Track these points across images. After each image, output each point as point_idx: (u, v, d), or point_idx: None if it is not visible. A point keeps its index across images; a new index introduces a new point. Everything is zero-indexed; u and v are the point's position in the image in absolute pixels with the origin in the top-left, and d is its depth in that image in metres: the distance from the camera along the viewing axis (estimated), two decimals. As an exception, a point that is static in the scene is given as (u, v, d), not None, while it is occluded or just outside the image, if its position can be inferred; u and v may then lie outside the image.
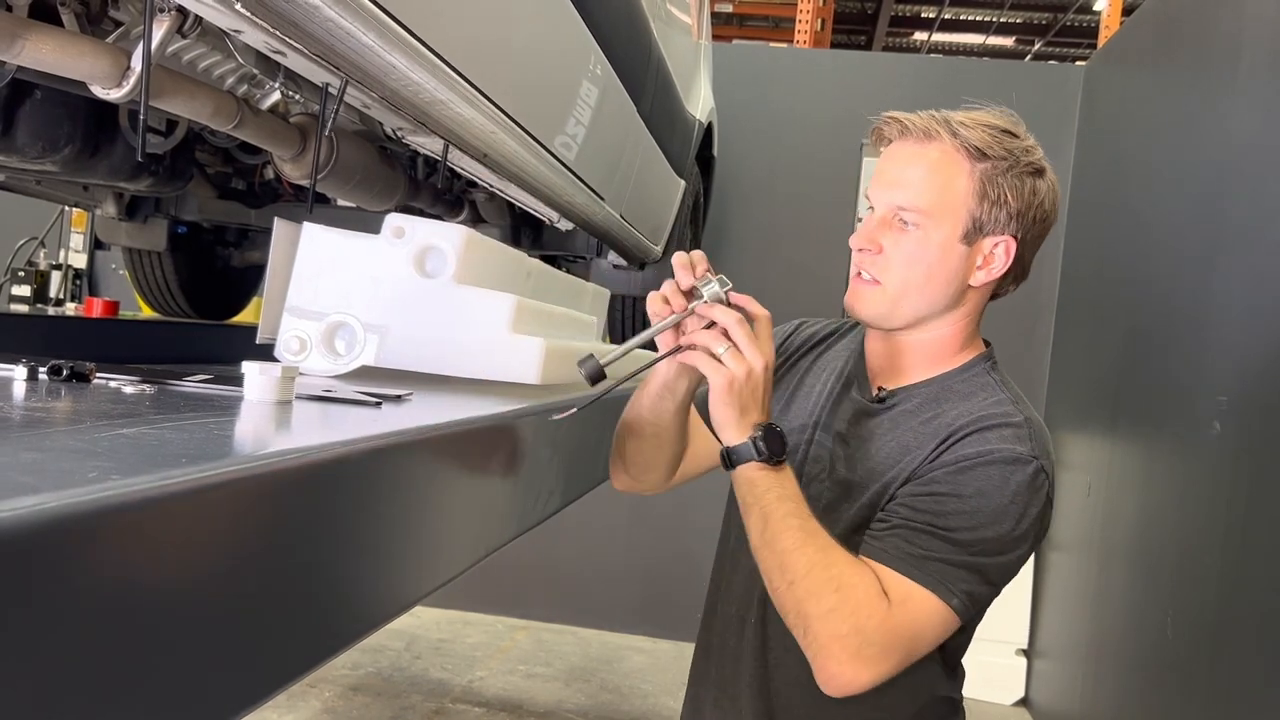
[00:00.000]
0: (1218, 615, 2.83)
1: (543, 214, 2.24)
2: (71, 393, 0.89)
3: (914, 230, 1.24)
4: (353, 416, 0.90)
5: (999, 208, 1.23)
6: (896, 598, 1.14)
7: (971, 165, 1.23)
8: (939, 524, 1.17)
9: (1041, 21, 12.33)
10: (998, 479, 1.18)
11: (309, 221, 1.34)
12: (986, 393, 1.28)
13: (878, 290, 1.27)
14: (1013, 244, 1.25)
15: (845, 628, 1.11)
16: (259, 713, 2.77)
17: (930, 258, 1.24)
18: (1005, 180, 1.23)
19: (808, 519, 1.15)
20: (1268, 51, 2.96)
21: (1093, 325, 4.49)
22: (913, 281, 1.25)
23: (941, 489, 1.19)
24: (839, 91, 5.06)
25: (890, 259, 1.26)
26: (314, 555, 0.66)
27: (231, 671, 0.58)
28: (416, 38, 1.15)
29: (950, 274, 1.25)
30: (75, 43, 1.25)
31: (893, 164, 1.28)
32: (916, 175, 1.24)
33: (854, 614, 1.11)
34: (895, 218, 1.25)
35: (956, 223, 1.24)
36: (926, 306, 1.28)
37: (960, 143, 1.23)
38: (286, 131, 1.70)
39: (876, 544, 1.18)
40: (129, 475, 0.48)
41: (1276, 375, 2.62)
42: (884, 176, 1.28)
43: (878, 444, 1.30)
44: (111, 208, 2.61)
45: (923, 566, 1.15)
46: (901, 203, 1.24)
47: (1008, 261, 1.26)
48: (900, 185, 1.25)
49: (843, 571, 1.13)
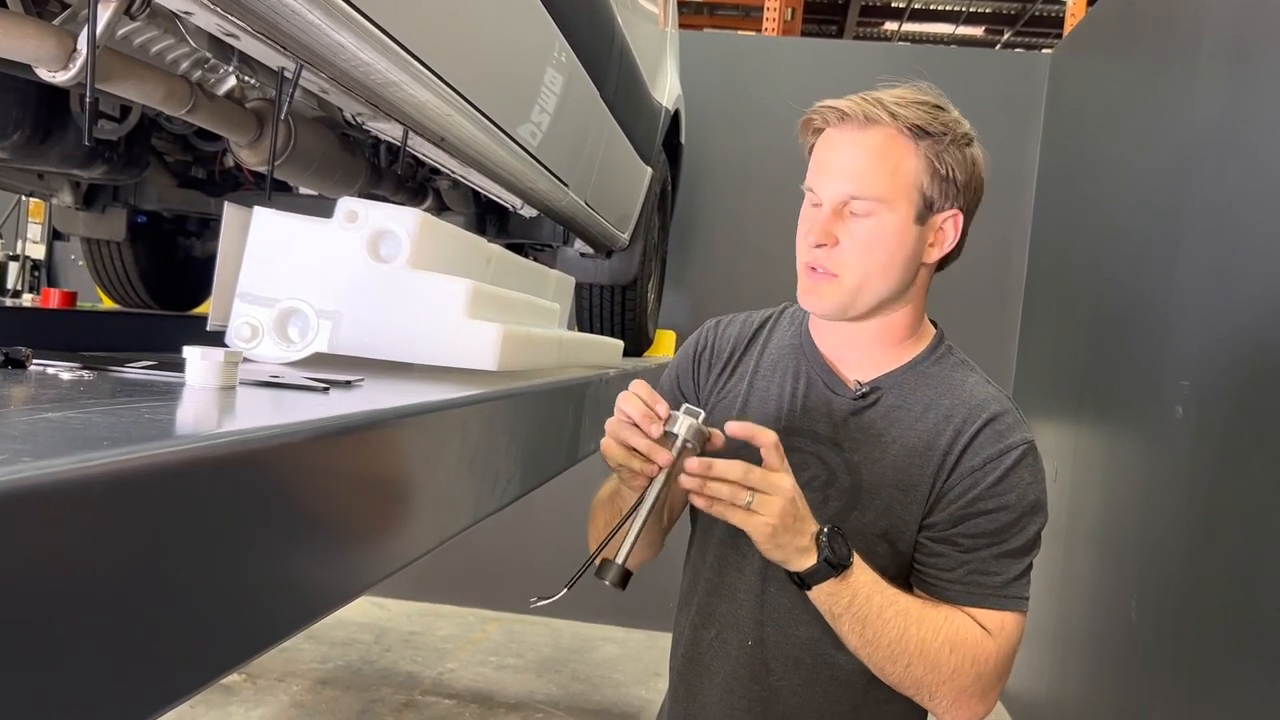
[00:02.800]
0: (1181, 598, 2.86)
1: (506, 200, 2.22)
2: (4, 378, 0.86)
3: (868, 219, 1.22)
4: (297, 402, 0.89)
5: (948, 183, 1.23)
6: (995, 628, 1.22)
7: (916, 144, 1.22)
8: (1001, 545, 1.23)
9: (1010, 11, 12.39)
10: (1028, 476, 1.25)
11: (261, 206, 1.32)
12: (961, 374, 1.32)
13: (835, 283, 1.24)
14: (960, 216, 1.27)
15: (968, 680, 1.20)
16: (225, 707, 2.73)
17: (888, 244, 1.23)
18: (949, 154, 1.23)
19: (894, 599, 1.19)
20: (1228, 40, 2.99)
21: (1059, 312, 4.52)
22: (873, 270, 1.24)
23: (989, 505, 1.23)
24: (808, 79, 5.06)
25: (845, 250, 1.23)
26: (245, 542, 0.65)
27: (158, 662, 0.56)
28: (365, 15, 1.13)
29: (908, 256, 1.25)
30: (19, 24, 1.22)
31: (836, 153, 1.25)
32: (865, 163, 1.22)
33: (973, 665, 1.20)
34: (846, 208, 1.23)
35: (910, 205, 1.23)
36: (886, 292, 1.26)
37: (901, 124, 1.21)
38: (242, 117, 1.67)
39: (958, 588, 1.24)
40: (42, 458, 0.46)
41: (1237, 360, 2.65)
42: (829, 167, 1.24)
43: (880, 447, 1.27)
44: (68, 197, 2.56)
45: (1004, 593, 1.23)
46: (854, 192, 1.22)
47: (956, 235, 1.27)
48: (849, 175, 1.22)
49: (948, 633, 1.20)
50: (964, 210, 1.27)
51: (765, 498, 1.09)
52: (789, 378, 1.35)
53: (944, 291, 1.50)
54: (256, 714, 3.94)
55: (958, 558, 1.23)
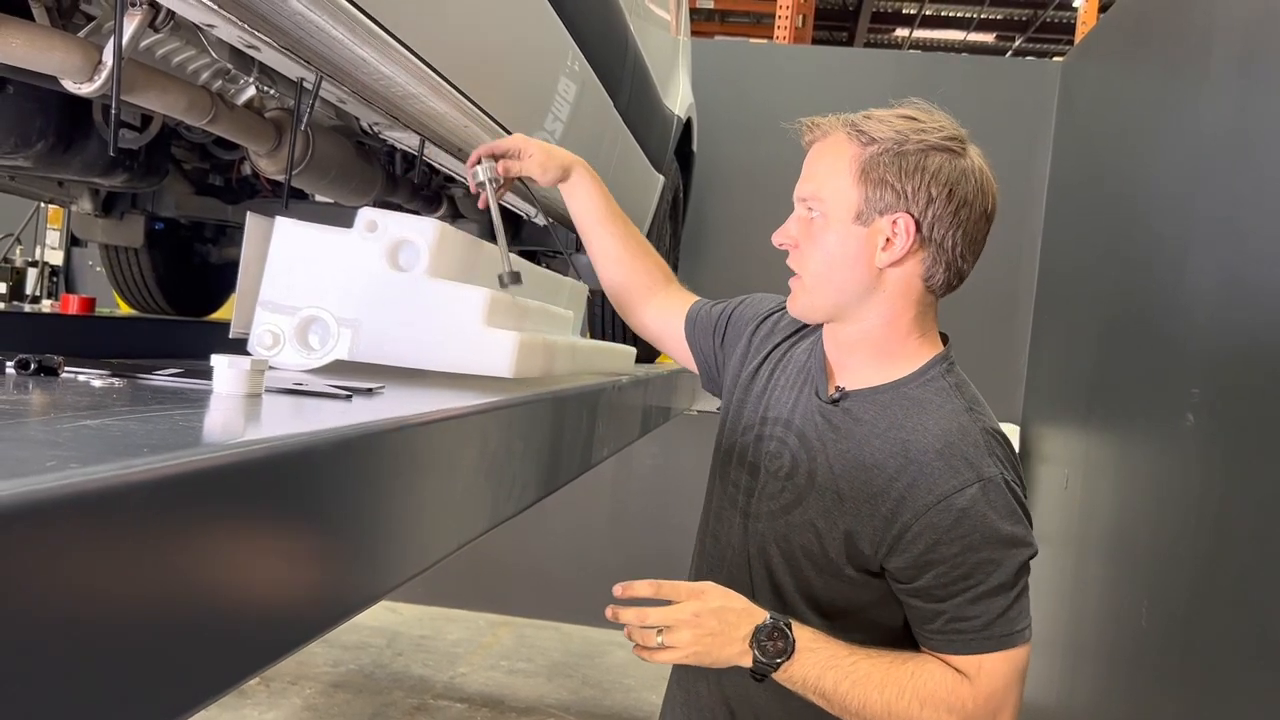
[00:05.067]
0: (1192, 605, 2.86)
1: (520, 208, 2.24)
2: (38, 386, 0.89)
3: (819, 219, 1.29)
4: (322, 409, 0.90)
5: (883, 186, 1.25)
6: (972, 671, 1.21)
7: (860, 149, 1.26)
8: (975, 588, 1.21)
9: (1021, 18, 12.39)
10: (991, 512, 1.20)
11: (283, 216, 1.34)
12: (941, 400, 1.28)
13: (798, 283, 1.34)
14: (909, 220, 1.24)
15: None
16: (239, 710, 2.75)
17: (830, 242, 1.28)
18: (886, 159, 1.25)
19: (850, 670, 1.21)
20: (1238, 47, 2.99)
21: (1069, 319, 4.52)
22: (821, 268, 1.30)
23: (952, 550, 1.21)
24: (819, 87, 5.07)
25: (804, 250, 1.32)
26: (278, 546, 0.67)
27: (192, 661, 0.58)
28: (387, 31, 1.15)
29: (852, 256, 1.27)
30: (46, 37, 1.24)
31: (806, 163, 1.34)
32: (817, 167, 1.31)
33: (950, 714, 1.19)
34: (805, 211, 1.31)
35: (849, 205, 1.27)
36: (839, 293, 1.30)
37: (851, 130, 1.28)
38: (262, 126, 1.70)
39: (938, 639, 1.24)
40: (89, 464, 0.48)
41: (1248, 367, 2.65)
42: (802, 175, 1.34)
43: (835, 454, 1.30)
44: (88, 204, 2.59)
45: (986, 636, 1.21)
46: (804, 194, 1.31)
47: (909, 240, 1.24)
48: (805, 179, 1.32)
49: (915, 690, 1.20)
50: (916, 217, 1.24)
51: (672, 633, 1.18)
52: (799, 373, 1.43)
53: (955, 301, 1.51)
54: (270, 717, 3.97)
55: (933, 609, 1.23)
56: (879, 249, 1.26)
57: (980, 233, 1.29)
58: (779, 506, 1.33)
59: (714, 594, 1.21)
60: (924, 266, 1.28)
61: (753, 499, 1.37)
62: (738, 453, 1.44)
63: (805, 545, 1.29)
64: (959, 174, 1.25)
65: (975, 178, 1.27)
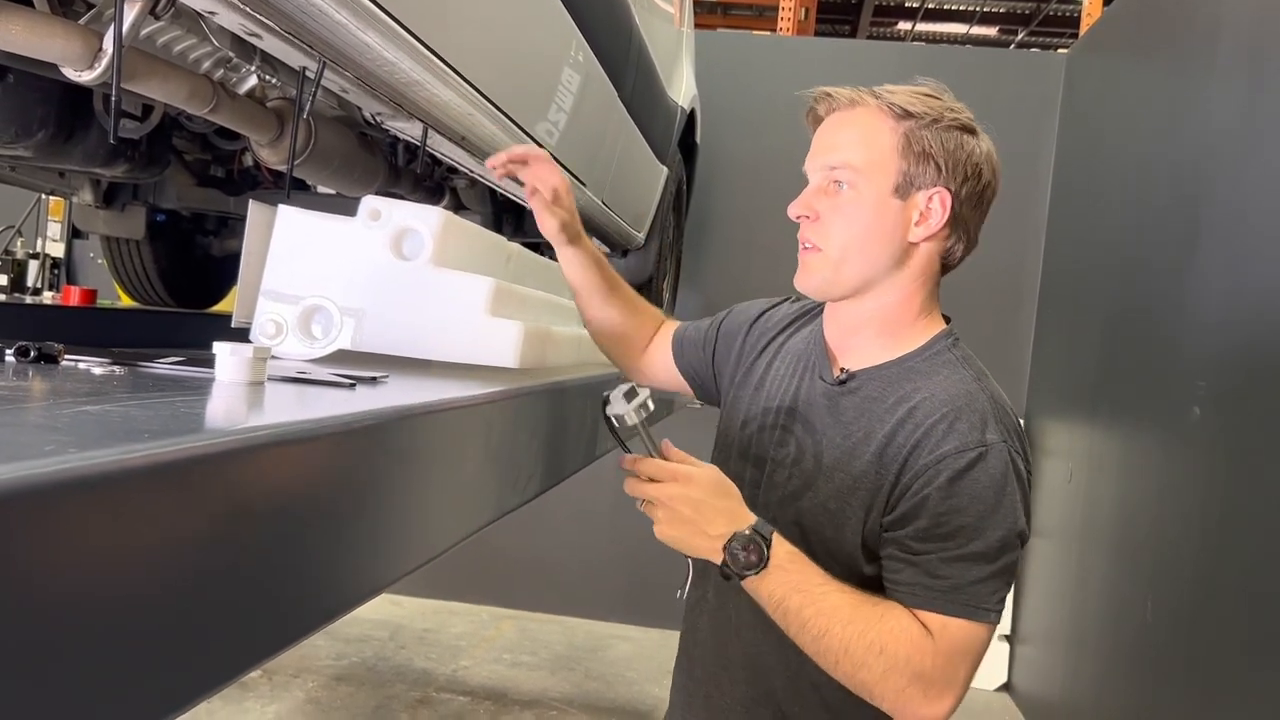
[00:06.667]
0: (1197, 599, 2.85)
1: (524, 199, 2.22)
2: (39, 373, 0.88)
3: (848, 190, 1.26)
4: (325, 398, 0.89)
5: (926, 160, 1.24)
6: (936, 628, 1.17)
7: (896, 122, 1.25)
8: (952, 550, 1.17)
9: (1024, 11, 12.34)
10: (985, 479, 1.18)
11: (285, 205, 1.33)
12: (949, 370, 1.27)
13: (819, 256, 1.28)
14: (947, 195, 1.24)
15: (904, 681, 1.15)
16: (241, 703, 2.74)
17: (866, 215, 1.25)
18: (929, 133, 1.24)
19: (819, 598, 1.16)
20: (1245, 40, 2.98)
21: (1074, 312, 4.51)
22: (852, 241, 1.26)
23: (940, 508, 1.18)
24: (822, 79, 5.03)
25: (828, 222, 1.27)
26: (280, 536, 0.66)
27: (193, 651, 0.57)
28: (390, 15, 1.14)
29: (888, 230, 1.26)
30: (46, 24, 1.23)
31: (823, 134, 1.31)
32: (845, 137, 1.27)
33: (907, 665, 1.15)
34: (829, 182, 1.27)
35: (887, 177, 1.24)
36: (869, 267, 1.27)
37: (883, 103, 1.25)
38: (263, 116, 1.69)
39: (904, 590, 1.20)
40: (88, 449, 0.47)
41: (1254, 361, 2.64)
42: (816, 147, 1.31)
43: (845, 434, 1.29)
44: (89, 195, 2.58)
45: (953, 599, 1.17)
46: (833, 163, 1.27)
47: (944, 215, 1.25)
48: (831, 149, 1.28)
49: (878, 634, 1.15)
50: (953, 192, 1.25)
51: (650, 507, 1.16)
52: (798, 363, 1.41)
53: (958, 293, 1.50)
54: (272, 709, 3.96)
55: (907, 559, 1.20)
56: (912, 223, 1.25)
57: (987, 212, 1.32)
58: (788, 493, 1.31)
59: (701, 482, 1.16)
60: (947, 245, 1.29)
61: (759, 491, 1.35)
62: (738, 448, 1.42)
63: (818, 530, 1.27)
64: (985, 155, 1.27)
65: (991, 157, 1.29)
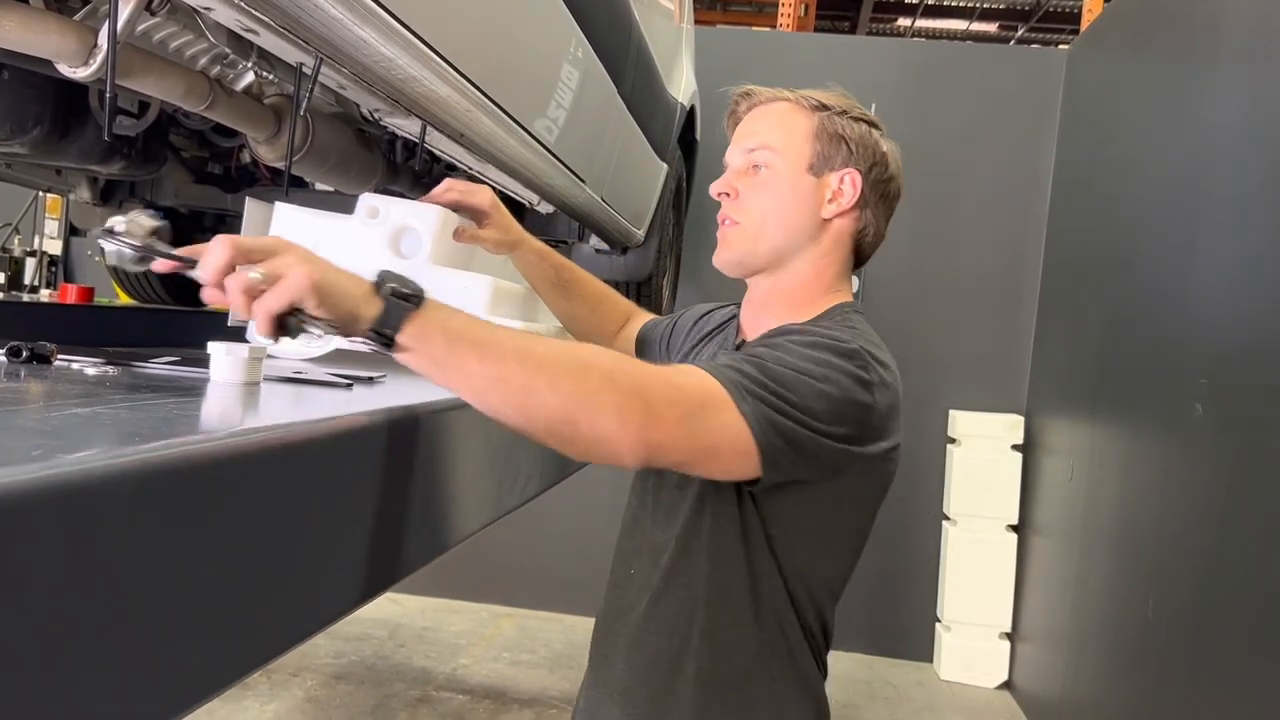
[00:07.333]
0: (1199, 597, 2.84)
1: (522, 197, 2.21)
2: (30, 374, 0.86)
3: (765, 170, 1.34)
4: (322, 398, 0.88)
5: (838, 142, 1.32)
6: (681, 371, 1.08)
7: (811, 112, 1.35)
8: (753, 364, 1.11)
9: (1024, 6, 12.33)
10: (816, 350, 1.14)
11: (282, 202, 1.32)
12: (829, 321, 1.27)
13: (737, 230, 1.35)
14: (857, 176, 1.32)
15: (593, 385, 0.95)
16: (240, 701, 2.73)
17: (782, 190, 1.33)
18: (841, 120, 1.34)
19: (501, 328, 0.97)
20: (1247, 36, 2.96)
21: (1075, 308, 4.49)
22: (769, 214, 1.33)
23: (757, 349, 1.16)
24: (822, 75, 5.02)
25: (747, 199, 1.34)
26: (277, 538, 0.64)
27: (190, 656, 0.56)
28: (387, 10, 1.13)
29: (802, 204, 1.32)
30: (40, 19, 1.22)
31: (743, 125, 1.40)
32: (763, 125, 1.37)
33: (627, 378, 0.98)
34: (749, 165, 1.36)
35: (801, 157, 1.33)
36: (784, 240, 1.33)
37: (799, 97, 1.37)
38: (261, 113, 1.67)
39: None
40: (75, 453, 0.46)
41: (1257, 357, 2.63)
42: (736, 136, 1.39)
43: None
44: (86, 193, 2.57)
45: (722, 373, 1.07)
46: (752, 146, 1.35)
47: (855, 194, 1.32)
48: (750, 135, 1.37)
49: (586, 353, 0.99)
50: (863, 174, 1.32)
51: (275, 260, 0.87)
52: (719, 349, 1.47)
53: (959, 289, 1.49)
54: (271, 709, 3.95)
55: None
56: (825, 200, 1.32)
57: (893, 209, 1.38)
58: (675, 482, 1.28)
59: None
60: (859, 225, 1.35)
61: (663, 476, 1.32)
62: None
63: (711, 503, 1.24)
64: (891, 149, 1.37)
65: (897, 158, 1.38)
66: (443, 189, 1.44)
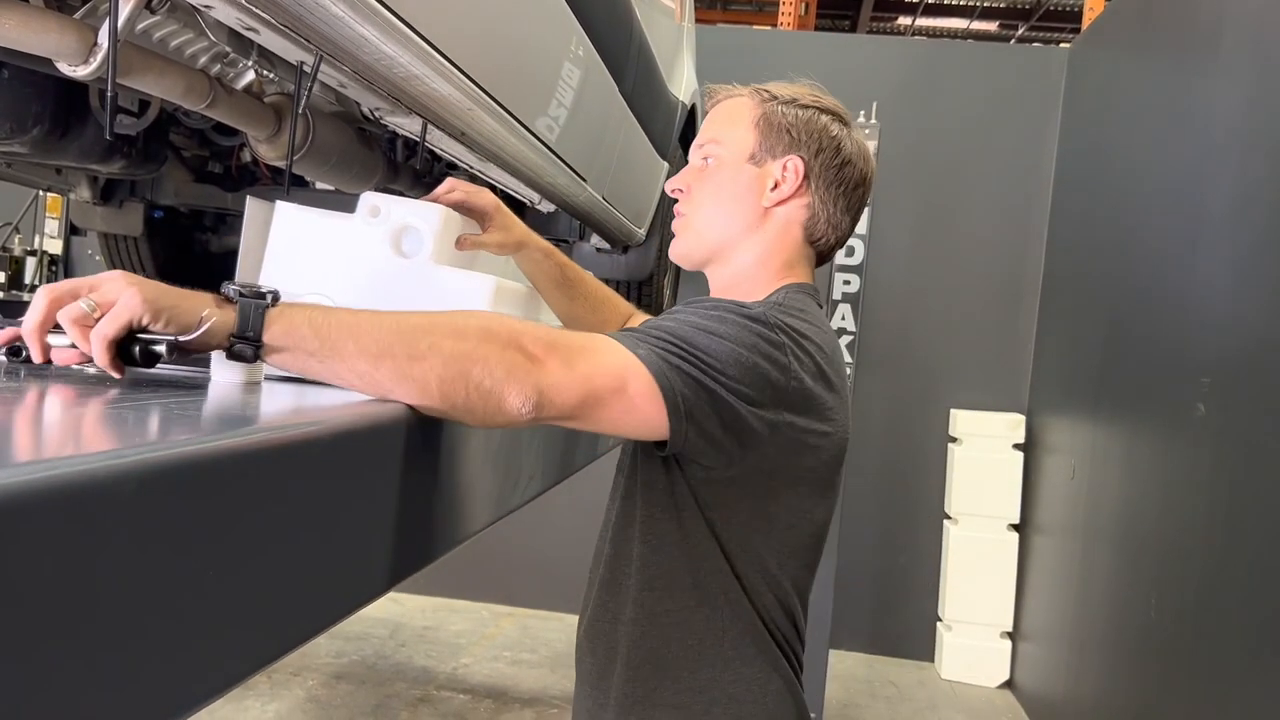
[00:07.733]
0: (1201, 596, 2.83)
1: (523, 196, 2.21)
2: (30, 373, 0.86)
3: (712, 163, 1.36)
4: (324, 397, 0.88)
5: (780, 131, 1.34)
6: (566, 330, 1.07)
7: (759, 104, 1.37)
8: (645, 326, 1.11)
9: (1025, 5, 12.32)
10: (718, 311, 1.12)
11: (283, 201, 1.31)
12: (763, 303, 1.21)
13: (684, 222, 1.37)
14: (799, 163, 1.32)
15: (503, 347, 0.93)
16: (241, 701, 2.73)
17: (724, 180, 1.34)
18: (786, 109, 1.35)
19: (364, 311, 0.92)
20: (1248, 34, 2.96)
21: (1077, 307, 4.49)
22: (710, 205, 1.35)
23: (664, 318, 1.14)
24: (822, 74, 5.02)
25: (694, 192, 1.37)
26: (279, 538, 0.64)
27: (191, 658, 0.55)
28: (388, 8, 1.12)
29: (742, 193, 1.33)
30: (40, 18, 1.21)
31: (703, 123, 1.42)
32: (714, 120, 1.40)
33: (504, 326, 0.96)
34: (700, 160, 1.38)
35: (743, 147, 1.34)
36: (726, 229, 1.34)
37: (753, 90, 1.39)
38: (261, 111, 1.67)
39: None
40: (75, 453, 0.46)
41: (1259, 357, 2.62)
42: (698, 135, 1.41)
43: None
44: (86, 192, 2.57)
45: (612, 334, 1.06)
46: (702, 141, 1.38)
47: (797, 181, 1.32)
48: (702, 132, 1.40)
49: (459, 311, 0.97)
50: (805, 160, 1.32)
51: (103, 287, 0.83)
52: None
53: (961, 287, 1.49)
54: (272, 709, 3.95)
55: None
56: (768, 189, 1.33)
57: (858, 198, 1.37)
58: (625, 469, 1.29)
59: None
60: (807, 213, 1.34)
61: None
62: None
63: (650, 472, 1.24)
64: (845, 136, 1.36)
65: (859, 145, 1.37)
66: (446, 189, 1.43)
